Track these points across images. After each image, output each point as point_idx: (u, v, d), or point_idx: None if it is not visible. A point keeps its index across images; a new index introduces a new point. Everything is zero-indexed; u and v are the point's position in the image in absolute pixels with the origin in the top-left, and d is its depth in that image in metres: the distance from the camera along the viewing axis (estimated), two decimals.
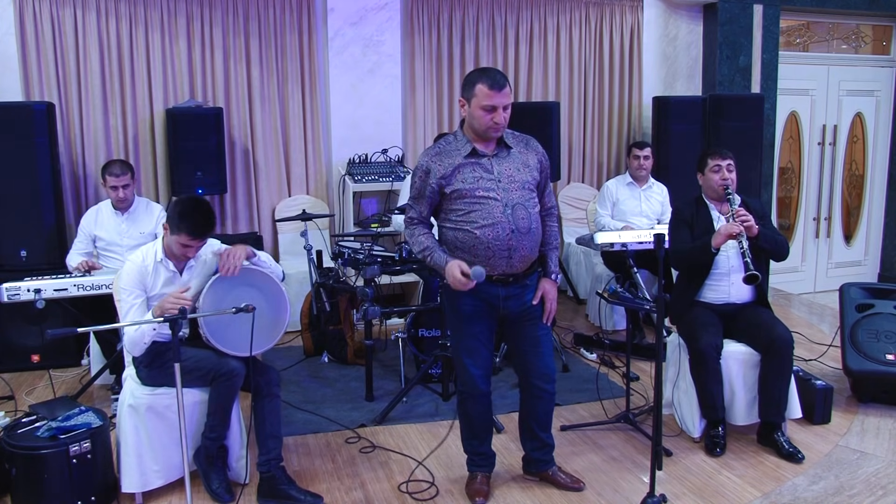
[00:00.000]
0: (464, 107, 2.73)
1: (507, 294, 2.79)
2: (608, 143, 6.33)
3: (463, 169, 2.71)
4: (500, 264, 2.73)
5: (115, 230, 4.11)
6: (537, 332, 2.88)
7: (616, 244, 4.41)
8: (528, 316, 2.86)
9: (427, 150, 2.82)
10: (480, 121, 2.68)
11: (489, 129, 2.69)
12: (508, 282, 2.78)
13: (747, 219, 3.29)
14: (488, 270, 2.71)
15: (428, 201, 2.78)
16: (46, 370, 4.33)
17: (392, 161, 5.59)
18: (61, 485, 2.73)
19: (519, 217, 2.71)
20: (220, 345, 2.90)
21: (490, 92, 2.63)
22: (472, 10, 5.79)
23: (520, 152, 2.81)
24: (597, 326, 5.15)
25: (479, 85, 2.65)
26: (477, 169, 2.72)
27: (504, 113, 2.68)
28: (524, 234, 2.72)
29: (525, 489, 3.04)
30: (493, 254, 2.70)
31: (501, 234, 2.68)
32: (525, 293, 2.84)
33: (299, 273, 5.01)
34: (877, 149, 7.09)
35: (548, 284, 2.91)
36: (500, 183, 2.72)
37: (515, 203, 2.72)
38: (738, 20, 6.27)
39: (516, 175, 2.76)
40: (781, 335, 3.29)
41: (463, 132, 2.78)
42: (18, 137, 4.37)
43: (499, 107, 2.65)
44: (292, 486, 2.92)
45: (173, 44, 5.13)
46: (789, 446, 3.27)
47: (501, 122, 2.68)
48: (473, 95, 2.67)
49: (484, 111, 2.65)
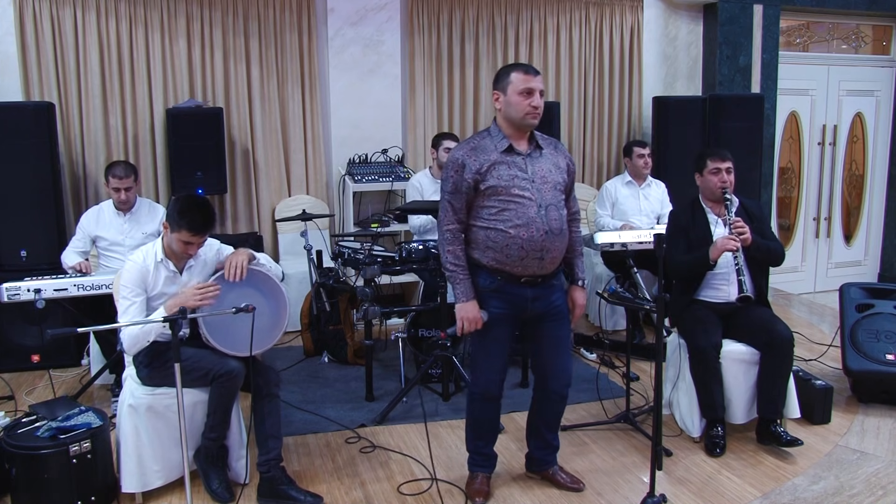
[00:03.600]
0: (498, 99, 2.73)
1: (535, 295, 2.78)
2: (608, 143, 6.32)
3: (498, 166, 2.69)
4: (532, 265, 2.71)
5: (117, 230, 4.11)
6: (560, 332, 2.88)
7: (616, 244, 4.41)
8: (552, 316, 2.85)
9: (461, 145, 2.80)
10: (518, 106, 2.68)
11: (527, 114, 2.69)
12: (537, 283, 2.77)
13: (743, 231, 3.31)
14: (520, 271, 2.71)
15: (464, 198, 2.73)
16: (46, 370, 4.32)
17: (392, 161, 5.59)
18: (61, 485, 2.72)
19: (552, 218, 2.71)
20: (219, 345, 2.90)
21: (526, 76, 2.67)
22: (472, 10, 5.79)
23: (550, 153, 2.81)
24: (597, 326, 5.15)
25: (514, 73, 2.69)
26: (512, 167, 2.70)
27: (541, 98, 2.69)
28: (557, 235, 2.72)
29: (525, 489, 3.04)
30: (527, 254, 2.68)
31: (536, 234, 2.67)
32: (552, 294, 2.83)
33: (299, 273, 5.01)
34: (877, 149, 7.09)
35: (577, 292, 2.94)
36: (534, 183, 2.71)
37: (549, 203, 2.71)
38: (738, 20, 6.27)
39: (549, 176, 2.75)
40: (782, 333, 3.29)
41: (498, 128, 2.76)
42: (18, 137, 4.37)
43: (535, 90, 2.67)
44: (292, 486, 2.92)
45: (173, 44, 5.13)
46: (787, 436, 3.27)
47: (539, 106, 2.69)
48: (509, 83, 2.69)
49: (521, 96, 2.67)
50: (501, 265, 2.71)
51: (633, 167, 5.13)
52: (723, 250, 3.30)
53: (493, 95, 2.76)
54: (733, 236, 3.29)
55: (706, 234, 3.49)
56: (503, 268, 2.71)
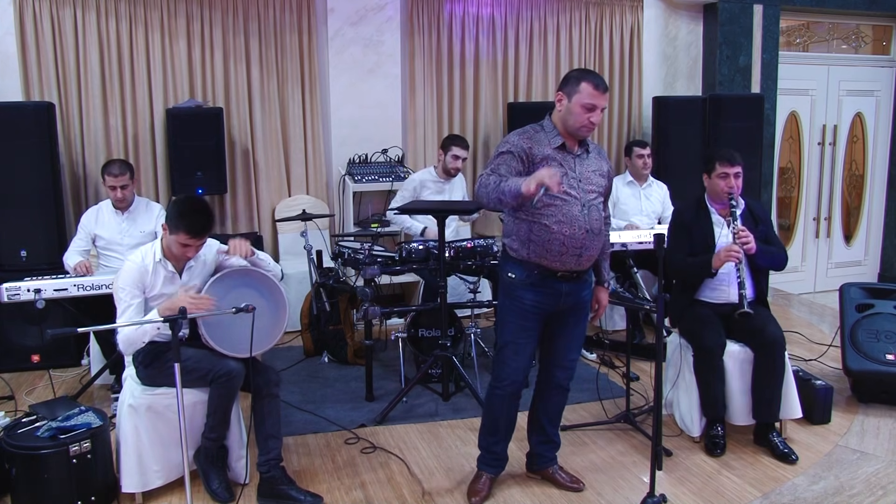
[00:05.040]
0: (561, 101, 2.74)
1: (569, 290, 2.83)
2: (608, 144, 6.32)
3: (550, 161, 2.71)
4: (570, 262, 2.75)
5: (115, 230, 4.12)
6: (579, 328, 2.95)
7: (616, 244, 4.41)
8: (577, 310, 2.91)
9: (517, 132, 2.81)
10: (578, 117, 2.70)
11: (583, 127, 2.72)
12: (572, 278, 2.82)
13: (748, 240, 3.30)
14: (558, 266, 2.75)
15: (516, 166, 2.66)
16: (46, 370, 4.33)
17: (392, 161, 5.59)
18: (61, 485, 2.72)
19: (593, 218, 2.76)
20: (219, 345, 2.89)
21: (595, 92, 2.68)
22: (472, 10, 5.79)
23: (596, 157, 2.86)
24: (597, 326, 5.15)
25: (585, 83, 2.68)
26: (563, 165, 2.74)
27: (600, 115, 2.72)
28: (596, 234, 2.78)
29: (525, 489, 3.03)
30: (567, 250, 2.72)
31: (577, 233, 2.71)
32: (583, 289, 2.89)
33: (299, 273, 5.01)
34: (877, 149, 7.09)
35: (602, 292, 3.03)
36: (581, 183, 2.75)
37: (591, 204, 2.76)
38: (738, 20, 6.27)
39: (593, 178, 2.80)
40: (772, 335, 3.29)
41: (553, 123, 2.80)
42: (18, 137, 4.37)
43: (598, 108, 2.70)
44: (292, 486, 2.92)
45: (173, 44, 5.13)
46: (783, 447, 3.28)
47: (596, 123, 2.73)
48: (577, 92, 2.69)
49: (584, 109, 2.68)
50: (540, 259, 2.75)
51: (633, 167, 5.13)
52: (726, 260, 3.30)
53: (557, 96, 2.77)
54: (736, 247, 3.29)
55: (709, 234, 3.48)
56: (541, 262, 2.75)
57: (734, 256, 3.28)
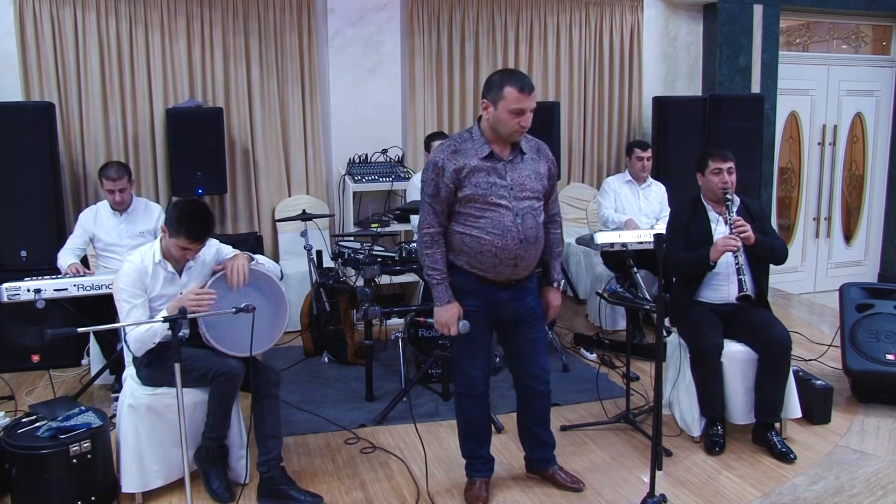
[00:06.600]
0: (487, 109, 2.65)
1: (509, 297, 2.80)
2: (608, 143, 6.32)
3: (477, 173, 2.66)
4: (505, 272, 2.73)
5: (114, 231, 4.11)
6: (534, 335, 2.90)
7: (616, 244, 4.41)
8: (526, 318, 2.86)
9: (442, 146, 2.75)
10: (507, 124, 2.62)
11: (515, 132, 2.65)
12: (510, 285, 2.79)
13: (744, 229, 3.30)
14: (493, 276, 2.72)
15: (445, 202, 2.70)
16: (46, 370, 4.32)
17: (392, 161, 5.59)
18: (61, 485, 2.72)
19: (528, 226, 2.70)
20: (219, 345, 2.90)
21: (520, 95, 2.58)
22: (472, 10, 5.79)
23: (532, 159, 2.78)
24: (597, 326, 5.15)
25: (509, 88, 2.59)
26: (492, 174, 2.67)
27: (530, 116, 2.65)
28: (531, 243, 2.72)
29: (525, 489, 3.03)
30: (500, 262, 2.69)
31: (510, 243, 2.67)
32: (526, 296, 2.84)
33: (299, 273, 5.01)
34: (877, 149, 7.09)
35: (551, 293, 2.96)
36: (512, 191, 2.69)
37: (525, 212, 2.70)
38: (738, 20, 6.27)
39: (527, 183, 2.73)
40: (779, 336, 3.28)
41: (480, 132, 2.72)
42: (18, 137, 4.37)
43: (527, 110, 2.62)
44: (292, 486, 2.92)
45: (173, 44, 5.13)
46: (782, 446, 3.27)
47: (528, 125, 2.65)
48: (502, 98, 2.60)
49: (512, 114, 2.60)
50: (474, 269, 2.73)
51: (633, 168, 5.13)
52: (723, 251, 3.29)
53: (482, 103, 2.68)
54: (734, 236, 3.29)
55: (706, 231, 3.48)
56: (476, 272, 2.74)
57: (731, 246, 3.27)
